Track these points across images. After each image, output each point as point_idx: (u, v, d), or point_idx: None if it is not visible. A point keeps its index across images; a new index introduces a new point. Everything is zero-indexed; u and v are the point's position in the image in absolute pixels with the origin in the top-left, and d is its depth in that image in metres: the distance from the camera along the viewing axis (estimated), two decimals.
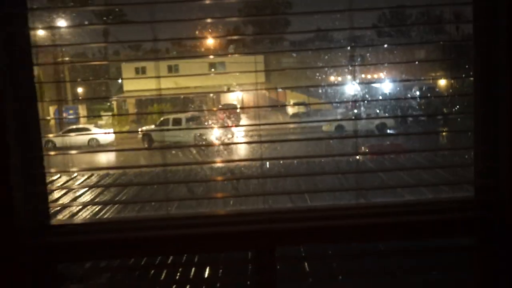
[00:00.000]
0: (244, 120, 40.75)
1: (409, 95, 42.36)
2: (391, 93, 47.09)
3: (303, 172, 7.16)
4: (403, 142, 24.69)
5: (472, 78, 4.81)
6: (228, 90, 46.93)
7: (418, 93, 42.67)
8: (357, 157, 17.91)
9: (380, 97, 47.06)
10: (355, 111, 20.58)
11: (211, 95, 48.13)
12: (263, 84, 43.57)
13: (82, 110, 47.54)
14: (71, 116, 43.75)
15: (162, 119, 31.72)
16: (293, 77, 47.55)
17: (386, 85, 48.09)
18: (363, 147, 19.86)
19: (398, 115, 36.25)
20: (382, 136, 32.99)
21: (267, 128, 31.77)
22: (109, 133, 35.97)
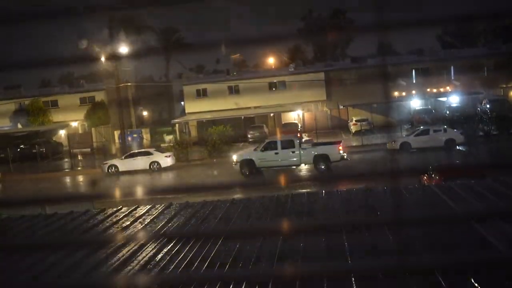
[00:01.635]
0: (315, 138, 39.48)
1: (478, 109, 39.69)
2: (459, 107, 44.48)
3: None
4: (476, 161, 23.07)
5: None
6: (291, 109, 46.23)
7: (488, 106, 40.21)
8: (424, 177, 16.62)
9: (447, 112, 44.76)
10: (421, 127, 19.72)
11: (271, 114, 47.99)
12: (324, 102, 42.66)
13: (146, 134, 48.51)
14: (132, 138, 44.48)
15: (267, 142, 29.33)
16: (356, 94, 46.68)
17: (453, 99, 45.64)
18: (430, 166, 18.59)
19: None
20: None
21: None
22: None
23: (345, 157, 27.62)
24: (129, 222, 7.26)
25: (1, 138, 47.66)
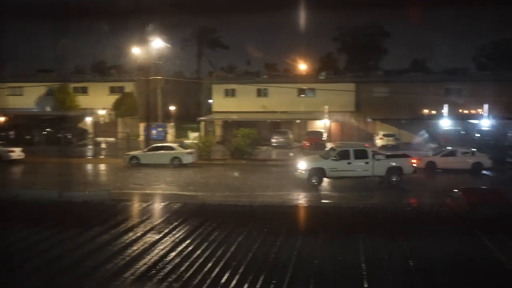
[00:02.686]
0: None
1: (510, 135, 38.77)
2: (489, 131, 43.55)
3: None
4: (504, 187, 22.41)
5: None
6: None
7: None
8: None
9: (477, 134, 43.91)
10: (449, 148, 19.16)
11: (298, 121, 47.60)
12: (352, 113, 42.17)
13: (171, 129, 48.58)
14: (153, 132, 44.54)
15: (338, 150, 27.54)
16: (385, 108, 46.07)
17: (484, 122, 44.72)
18: (455, 190, 18.04)
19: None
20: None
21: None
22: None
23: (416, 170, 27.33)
24: (140, 219, 7.06)
25: (28, 120, 48.36)
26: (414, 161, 27.12)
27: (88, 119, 51.14)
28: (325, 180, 26.90)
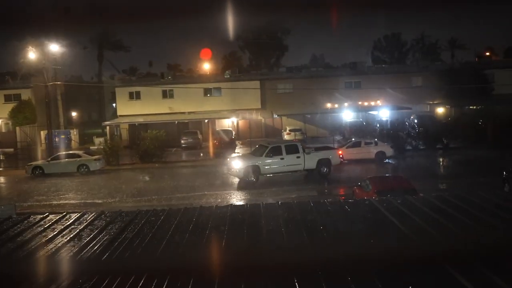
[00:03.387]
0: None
1: (407, 123, 40.81)
2: (388, 121, 45.58)
3: None
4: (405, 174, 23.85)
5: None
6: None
7: (416, 121, 41.46)
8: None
9: (378, 125, 45.77)
10: (353, 139, 20.10)
11: (206, 120, 47.59)
12: (259, 110, 42.74)
13: (74, 135, 46.76)
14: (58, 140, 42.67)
15: (270, 147, 27.71)
16: (290, 104, 47.11)
17: (383, 112, 46.89)
18: (364, 179, 18.84)
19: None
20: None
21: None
22: None
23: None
24: (54, 233, 6.74)
25: None
26: (340, 152, 28.59)
27: None
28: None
